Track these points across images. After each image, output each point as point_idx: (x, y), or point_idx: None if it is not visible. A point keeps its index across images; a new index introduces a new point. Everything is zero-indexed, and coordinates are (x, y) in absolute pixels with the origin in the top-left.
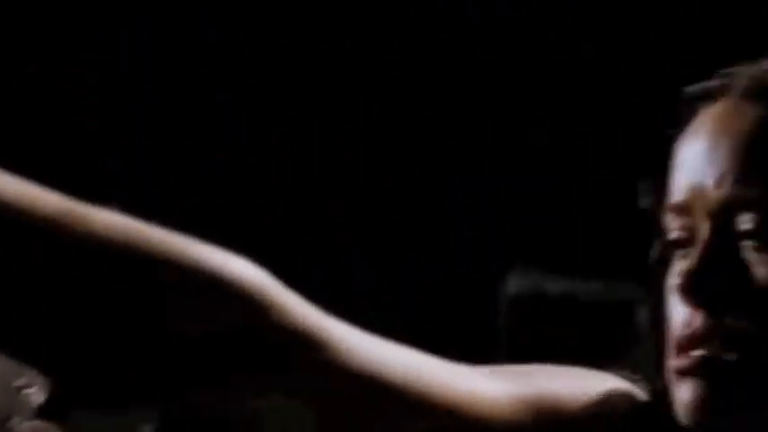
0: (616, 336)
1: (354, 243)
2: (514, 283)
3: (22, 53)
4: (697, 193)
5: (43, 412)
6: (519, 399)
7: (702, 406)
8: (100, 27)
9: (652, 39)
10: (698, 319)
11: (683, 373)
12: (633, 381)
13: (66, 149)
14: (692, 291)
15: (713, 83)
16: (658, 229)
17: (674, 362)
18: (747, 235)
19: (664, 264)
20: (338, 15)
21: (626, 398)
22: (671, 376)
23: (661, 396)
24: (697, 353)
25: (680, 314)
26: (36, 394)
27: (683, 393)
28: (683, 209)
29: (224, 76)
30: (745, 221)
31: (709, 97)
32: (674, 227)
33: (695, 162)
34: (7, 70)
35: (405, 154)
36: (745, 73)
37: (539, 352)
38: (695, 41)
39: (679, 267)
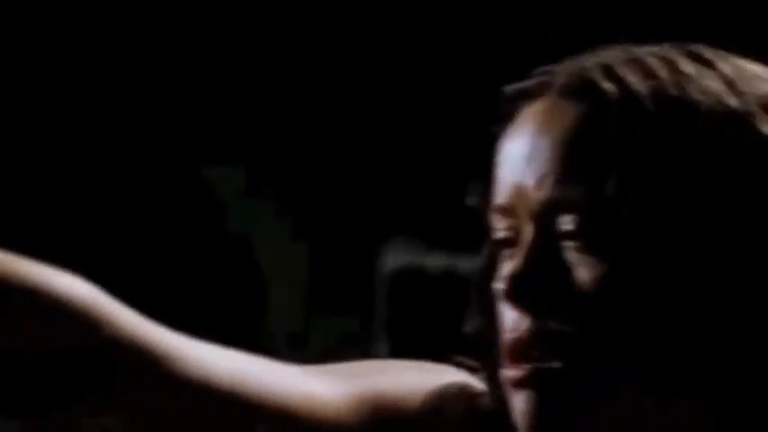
0: None
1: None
2: (393, 259)
3: (22, 53)
4: (519, 194)
5: None
6: (355, 399)
7: (537, 417)
8: (100, 27)
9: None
10: (523, 324)
11: (517, 384)
12: (474, 372)
13: (66, 149)
14: (514, 295)
15: (532, 81)
16: (486, 229)
17: (507, 372)
18: (569, 236)
19: (493, 265)
20: (338, 15)
21: (465, 391)
22: (506, 384)
23: (501, 389)
24: (527, 365)
25: (507, 318)
26: None
27: (519, 404)
28: (507, 210)
29: (224, 76)
30: (567, 222)
31: (528, 95)
32: (499, 227)
33: (516, 162)
34: (7, 70)
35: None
36: (564, 70)
37: (418, 328)
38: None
39: (504, 270)
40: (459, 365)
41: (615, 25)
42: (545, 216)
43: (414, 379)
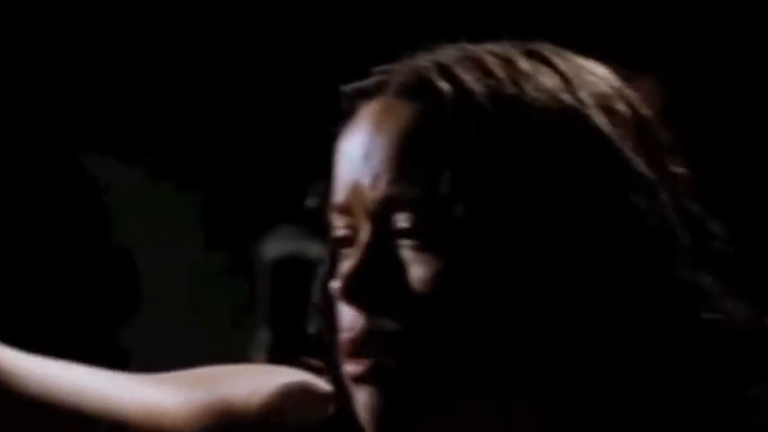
0: None
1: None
2: (274, 248)
3: (22, 53)
4: (356, 192)
5: None
6: (196, 408)
7: (378, 413)
8: (100, 27)
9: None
10: (359, 323)
11: (357, 380)
12: (320, 372)
13: (66, 149)
14: (349, 294)
15: (370, 80)
16: (327, 228)
17: (347, 367)
18: (404, 234)
19: (334, 264)
20: (339, 15)
21: (309, 392)
22: (348, 380)
23: (345, 388)
24: (367, 360)
25: (345, 317)
26: None
27: (360, 400)
28: (344, 209)
29: (224, 76)
30: (402, 221)
31: (366, 94)
32: (338, 226)
33: (352, 161)
34: (7, 70)
35: None
36: (401, 69)
37: (300, 317)
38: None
39: (342, 269)
40: (305, 366)
41: (450, 23)
42: (381, 215)
43: (256, 383)
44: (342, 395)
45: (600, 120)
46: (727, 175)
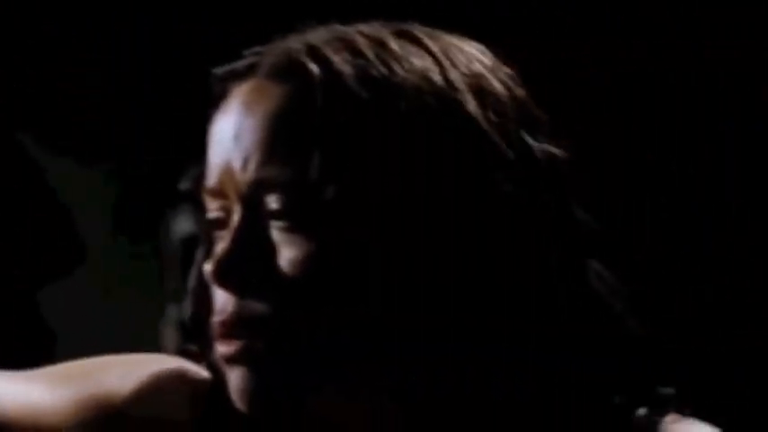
0: None
1: None
2: (182, 226)
3: (22, 53)
4: (227, 175)
5: None
6: (74, 402)
7: (249, 394)
8: (100, 27)
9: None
10: (230, 305)
11: (229, 360)
12: (197, 359)
13: (66, 149)
14: (220, 277)
15: (241, 62)
16: (201, 210)
17: (219, 348)
18: (275, 216)
19: (209, 246)
20: (340, 15)
21: (185, 378)
22: (220, 361)
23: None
24: (237, 341)
25: (218, 299)
26: None
27: (232, 381)
28: (217, 191)
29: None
30: (273, 203)
31: (238, 76)
32: (212, 208)
33: (224, 143)
34: (7, 70)
35: None
36: (272, 51)
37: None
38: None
39: (215, 251)
40: (184, 353)
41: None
42: (252, 197)
43: (127, 375)
44: (217, 379)
45: (470, 101)
46: (727, 175)
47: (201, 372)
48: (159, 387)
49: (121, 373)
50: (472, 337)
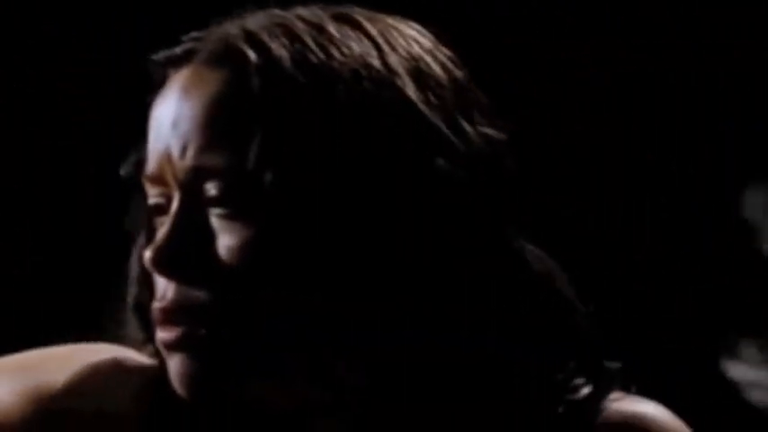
0: None
1: None
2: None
3: (22, 53)
4: (166, 162)
5: None
6: (17, 396)
7: (189, 380)
8: (100, 27)
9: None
10: (170, 291)
11: (169, 347)
12: (137, 346)
13: (66, 149)
14: (159, 264)
15: (179, 47)
16: (141, 196)
17: (159, 334)
18: (214, 203)
19: (151, 233)
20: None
21: (130, 366)
22: (160, 348)
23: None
24: (178, 328)
25: (158, 286)
26: None
27: (171, 367)
28: (157, 178)
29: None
30: (212, 190)
31: (176, 62)
32: (152, 194)
33: (162, 130)
34: (7, 70)
35: None
36: (210, 37)
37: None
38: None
39: (156, 238)
40: (126, 341)
41: None
42: (190, 184)
43: (73, 366)
44: (160, 365)
45: (408, 85)
46: (727, 175)
47: (147, 361)
48: (101, 379)
49: (61, 365)
50: (413, 323)
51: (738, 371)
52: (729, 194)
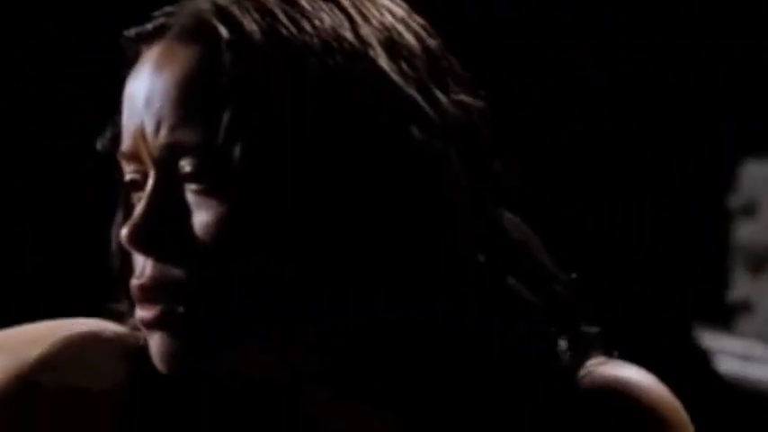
0: None
1: None
2: None
3: (22, 53)
4: (140, 139)
5: None
6: (1, 373)
7: (169, 358)
8: (100, 27)
9: None
10: (148, 269)
11: (147, 325)
12: (120, 317)
13: (66, 149)
14: (135, 242)
15: (150, 23)
16: (118, 172)
17: (138, 312)
18: (189, 179)
19: (127, 208)
20: None
21: (108, 343)
22: (140, 326)
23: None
24: (156, 306)
25: (137, 263)
26: None
27: (153, 345)
28: (132, 155)
29: None
30: (186, 166)
31: (147, 38)
32: (128, 170)
33: (135, 107)
34: (7, 70)
35: None
36: (181, 11)
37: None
38: None
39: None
40: (110, 313)
41: None
42: (165, 161)
43: (46, 341)
44: (141, 338)
45: (381, 56)
46: (726, 176)
47: (126, 332)
48: (79, 353)
49: (38, 340)
50: (389, 293)
51: (733, 344)
52: (728, 192)
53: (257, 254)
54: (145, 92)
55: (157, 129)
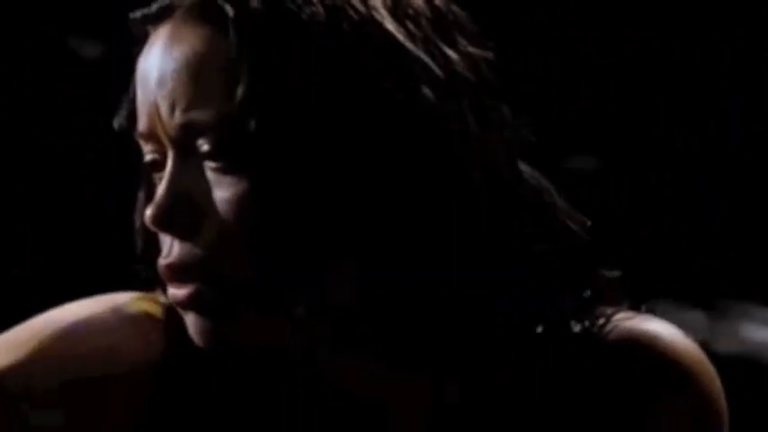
0: None
1: None
2: None
3: (22, 53)
4: (156, 120)
5: None
6: (36, 364)
7: (206, 335)
8: (100, 27)
9: None
10: (175, 248)
11: (181, 305)
12: (150, 286)
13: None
14: (158, 222)
15: (157, 4)
16: (138, 151)
17: (170, 290)
18: (207, 157)
19: (150, 187)
20: None
21: (141, 321)
22: (174, 303)
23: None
24: (188, 285)
25: (163, 240)
26: None
27: (189, 324)
28: (149, 135)
29: None
30: (204, 144)
31: (155, 19)
32: (147, 150)
33: (149, 88)
34: (7, 70)
35: None
36: None
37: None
38: None
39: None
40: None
41: None
42: (183, 140)
43: (83, 325)
44: (168, 312)
45: (387, 19)
46: (732, 154)
47: (152, 307)
48: (107, 336)
49: (66, 330)
50: (405, 256)
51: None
52: (734, 170)
53: (280, 227)
54: (156, 72)
55: (172, 110)
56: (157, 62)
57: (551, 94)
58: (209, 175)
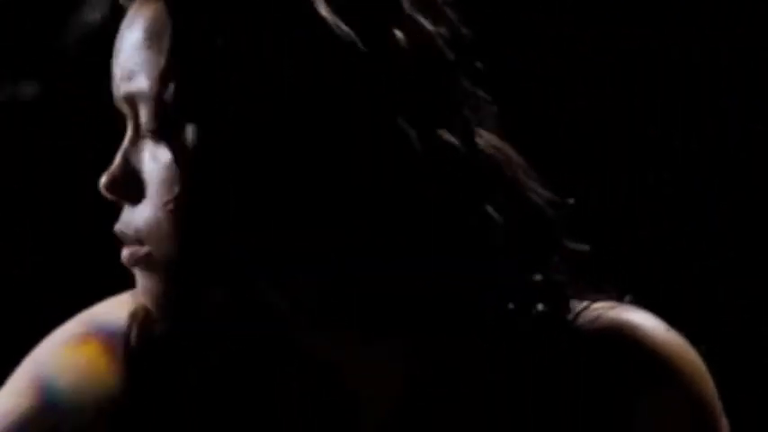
0: None
1: None
2: None
3: (22, 53)
4: (117, 90)
5: None
6: (21, 397)
7: (150, 295)
8: (100, 27)
9: None
10: (125, 214)
11: (127, 264)
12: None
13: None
14: (107, 190)
15: None
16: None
17: (122, 253)
18: (147, 128)
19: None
20: None
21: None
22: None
23: None
24: (131, 248)
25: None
26: None
27: (138, 283)
28: (119, 103)
29: None
30: (144, 116)
31: None
32: (123, 116)
33: (116, 59)
34: (7, 70)
35: None
36: None
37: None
38: None
39: None
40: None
41: None
42: (131, 110)
43: (65, 355)
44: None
45: (320, 5)
46: (730, 152)
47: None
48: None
49: (57, 356)
50: (373, 246)
51: None
52: (732, 168)
53: (204, 200)
54: (120, 44)
55: (122, 80)
56: (121, 35)
57: (549, 93)
58: (149, 146)
